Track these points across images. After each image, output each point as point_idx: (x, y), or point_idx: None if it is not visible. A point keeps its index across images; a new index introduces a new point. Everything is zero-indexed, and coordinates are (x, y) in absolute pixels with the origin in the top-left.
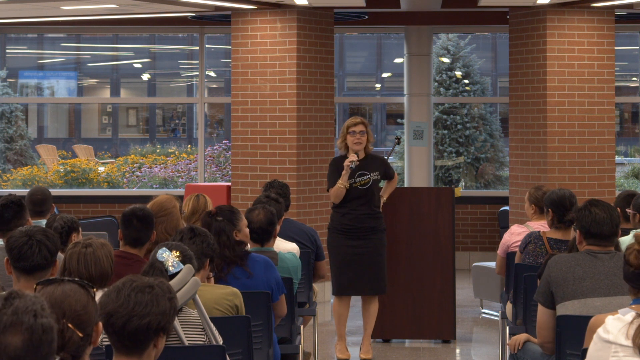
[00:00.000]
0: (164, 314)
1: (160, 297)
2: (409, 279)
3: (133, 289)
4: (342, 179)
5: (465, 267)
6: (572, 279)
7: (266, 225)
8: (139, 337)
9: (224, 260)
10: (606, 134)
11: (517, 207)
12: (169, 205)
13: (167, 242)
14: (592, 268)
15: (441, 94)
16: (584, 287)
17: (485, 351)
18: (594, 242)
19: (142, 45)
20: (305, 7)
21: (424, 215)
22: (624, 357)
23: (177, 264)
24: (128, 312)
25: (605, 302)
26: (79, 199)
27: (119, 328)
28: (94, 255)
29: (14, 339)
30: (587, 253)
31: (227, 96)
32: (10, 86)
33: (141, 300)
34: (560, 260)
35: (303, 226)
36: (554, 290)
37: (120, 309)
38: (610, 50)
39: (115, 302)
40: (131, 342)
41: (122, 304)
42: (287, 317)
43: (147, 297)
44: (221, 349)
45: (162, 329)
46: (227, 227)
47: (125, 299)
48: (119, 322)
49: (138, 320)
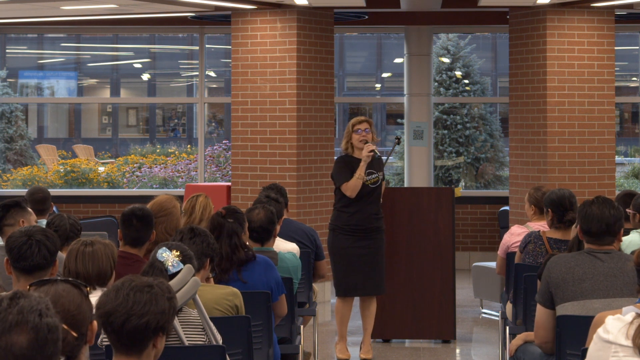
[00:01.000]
0: (162, 313)
1: (159, 297)
2: (409, 279)
3: (132, 288)
4: (360, 171)
5: (465, 267)
6: (571, 280)
7: (266, 225)
8: (137, 336)
9: (233, 262)
10: (606, 134)
11: (517, 207)
12: (169, 205)
13: (167, 242)
14: (592, 269)
15: (441, 94)
16: (583, 289)
17: (485, 351)
18: (587, 239)
19: (142, 45)
20: (305, 7)
21: (424, 215)
22: (624, 357)
23: (177, 263)
24: (127, 311)
25: (604, 303)
26: (79, 199)
27: (118, 327)
28: (92, 254)
29: (19, 339)
30: (587, 253)
31: (227, 96)
32: (10, 86)
33: (140, 299)
34: (559, 261)
35: (303, 226)
36: (553, 291)
37: (119, 307)
38: (610, 50)
39: (114, 301)
40: (130, 342)
41: (120, 303)
42: (287, 317)
43: (146, 296)
44: (221, 349)
45: (161, 328)
46: (238, 229)
47: (124, 298)
48: (118, 321)
49: (137, 319)
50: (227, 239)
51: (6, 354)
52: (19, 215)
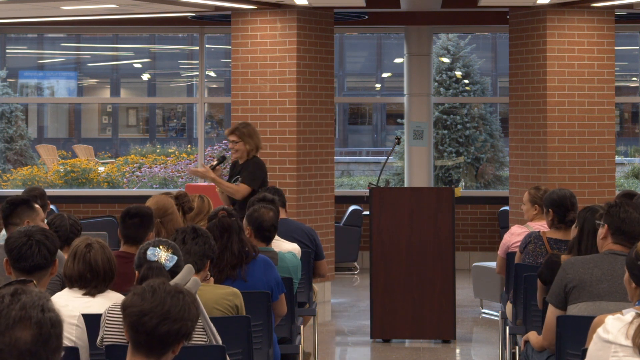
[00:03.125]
0: (192, 321)
1: (190, 305)
2: (409, 279)
3: (167, 292)
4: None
5: (465, 267)
6: (589, 280)
7: (277, 223)
8: (167, 340)
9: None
10: (606, 134)
11: (517, 207)
12: (170, 205)
13: (148, 241)
14: (611, 270)
15: (441, 94)
16: (600, 290)
17: (485, 351)
18: (621, 240)
19: (142, 45)
20: (305, 7)
21: (424, 215)
22: (624, 357)
23: (170, 257)
24: (163, 314)
25: (620, 307)
26: (79, 199)
27: (151, 328)
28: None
29: (23, 334)
30: (608, 254)
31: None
32: (10, 86)
33: (176, 304)
34: (576, 262)
35: (302, 226)
36: (569, 291)
37: (156, 310)
38: (610, 50)
39: (150, 302)
40: (159, 344)
41: (157, 305)
42: (287, 317)
43: (181, 302)
44: (221, 349)
45: (187, 335)
46: (242, 225)
47: (160, 301)
48: (151, 323)
49: (171, 323)
50: (236, 237)
51: (11, 349)
52: (26, 216)
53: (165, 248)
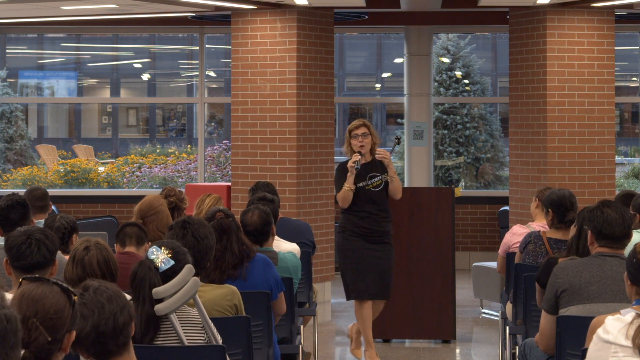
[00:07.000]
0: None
1: (105, 290)
2: (409, 279)
3: (97, 297)
4: (347, 182)
5: (465, 267)
6: (578, 283)
7: (261, 226)
8: (129, 325)
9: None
10: (606, 134)
11: (517, 207)
12: (157, 204)
13: (160, 240)
14: (600, 272)
15: (441, 94)
16: (590, 292)
17: (485, 351)
18: (605, 243)
19: (142, 45)
20: (305, 7)
21: (424, 215)
22: (624, 357)
23: (167, 261)
24: (111, 311)
25: (610, 308)
26: (79, 199)
27: (113, 327)
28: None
29: None
30: (596, 256)
31: (227, 96)
32: (10, 86)
33: (104, 300)
34: (566, 266)
35: (299, 222)
36: (560, 295)
37: (102, 314)
38: (610, 50)
39: (92, 315)
40: (125, 336)
41: (98, 311)
42: (287, 317)
43: (102, 295)
44: (221, 349)
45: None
46: (239, 224)
47: (97, 306)
48: (110, 324)
49: (121, 312)
50: (235, 237)
51: None
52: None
53: (167, 251)
